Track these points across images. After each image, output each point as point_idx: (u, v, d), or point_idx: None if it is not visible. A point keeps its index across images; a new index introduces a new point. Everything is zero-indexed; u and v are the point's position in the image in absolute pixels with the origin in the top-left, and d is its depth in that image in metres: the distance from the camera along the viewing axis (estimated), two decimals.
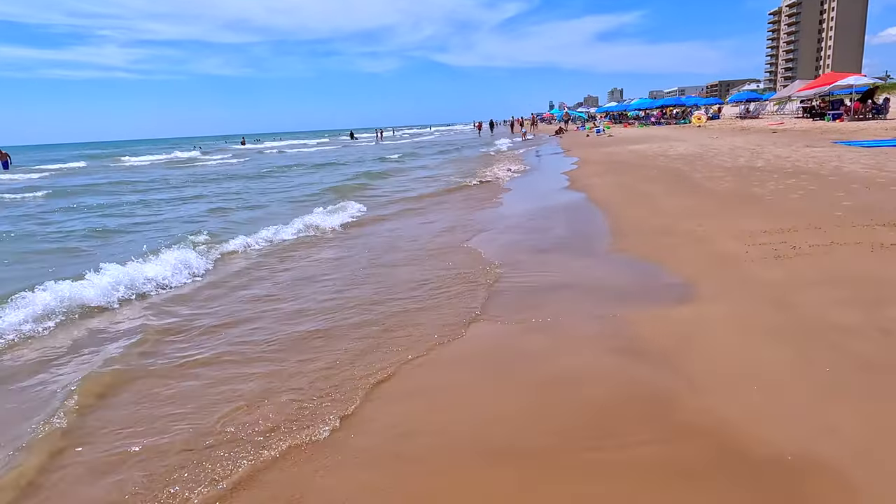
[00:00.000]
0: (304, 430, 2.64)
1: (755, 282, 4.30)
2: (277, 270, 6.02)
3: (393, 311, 4.34)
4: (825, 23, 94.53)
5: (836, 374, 2.80)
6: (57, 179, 24.27)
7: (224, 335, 4.08)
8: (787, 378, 2.83)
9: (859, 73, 26.53)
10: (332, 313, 4.42)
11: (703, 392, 2.75)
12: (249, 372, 3.39)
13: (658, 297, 4.31)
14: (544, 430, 2.57)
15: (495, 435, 2.57)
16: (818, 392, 2.67)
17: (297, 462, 2.42)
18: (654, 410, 2.65)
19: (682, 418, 2.54)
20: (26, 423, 2.87)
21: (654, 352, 3.25)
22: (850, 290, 3.92)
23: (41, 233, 9.38)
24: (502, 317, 4.09)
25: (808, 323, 3.45)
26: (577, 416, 2.69)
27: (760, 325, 3.49)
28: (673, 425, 2.50)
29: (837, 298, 3.75)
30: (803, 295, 3.89)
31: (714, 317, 3.72)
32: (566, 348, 3.50)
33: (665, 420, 2.55)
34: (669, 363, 3.07)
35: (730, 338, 3.36)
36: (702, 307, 3.93)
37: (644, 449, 2.34)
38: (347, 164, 25.24)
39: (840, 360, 2.91)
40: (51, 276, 5.10)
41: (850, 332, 3.25)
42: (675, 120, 37.40)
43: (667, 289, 4.48)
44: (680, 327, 3.59)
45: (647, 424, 2.53)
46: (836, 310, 3.57)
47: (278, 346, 3.80)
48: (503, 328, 3.91)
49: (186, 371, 3.47)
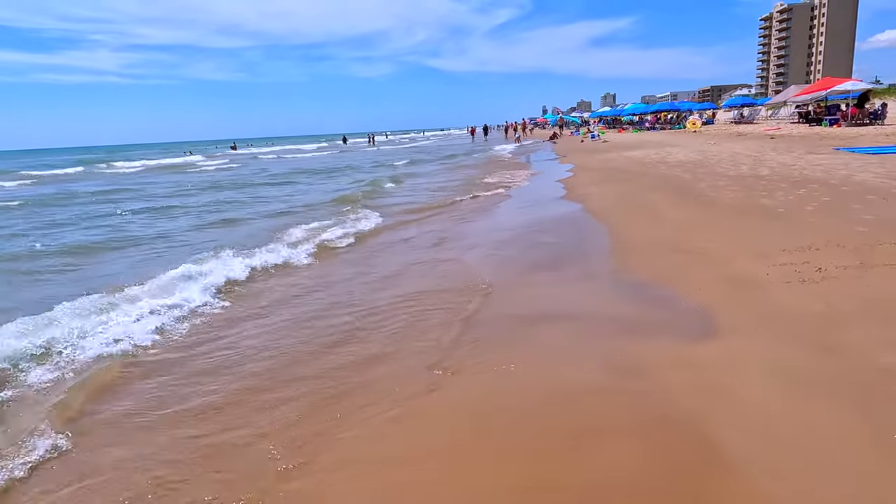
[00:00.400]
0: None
1: (784, 313, 3.73)
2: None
3: (342, 364, 3.67)
4: (815, 28, 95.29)
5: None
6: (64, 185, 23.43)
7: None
8: (853, 451, 2.26)
9: (856, 79, 26.27)
10: (274, 358, 3.78)
11: (746, 474, 2.17)
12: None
13: (672, 330, 3.73)
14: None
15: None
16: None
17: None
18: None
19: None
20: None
21: (676, 414, 2.66)
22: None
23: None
24: (473, 363, 3.48)
25: (861, 372, 2.88)
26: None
27: (803, 374, 2.91)
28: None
29: (888, 339, 3.20)
30: (845, 332, 3.33)
31: (744, 359, 3.15)
32: (553, 408, 2.90)
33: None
34: (697, 430, 2.49)
35: (769, 391, 2.78)
36: (727, 346, 3.36)
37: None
38: (356, 169, 24.74)
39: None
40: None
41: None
42: (669, 125, 37.12)
43: (682, 320, 3.91)
44: (704, 375, 3.01)
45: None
46: (891, 354, 3.01)
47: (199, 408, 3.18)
48: (470, 382, 3.29)
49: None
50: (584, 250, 6.45)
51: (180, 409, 3.10)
